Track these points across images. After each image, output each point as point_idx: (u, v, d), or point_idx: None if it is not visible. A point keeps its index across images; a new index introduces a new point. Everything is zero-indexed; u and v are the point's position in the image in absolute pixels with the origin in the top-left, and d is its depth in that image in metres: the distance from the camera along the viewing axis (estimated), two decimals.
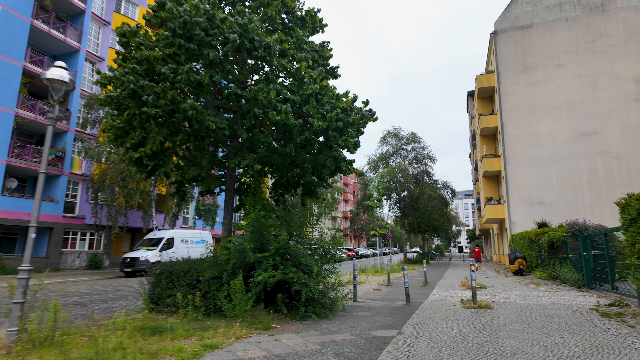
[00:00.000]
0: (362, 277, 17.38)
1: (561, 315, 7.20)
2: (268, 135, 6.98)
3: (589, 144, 25.58)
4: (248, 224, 7.22)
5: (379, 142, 38.00)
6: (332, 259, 7.96)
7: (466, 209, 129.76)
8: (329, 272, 7.83)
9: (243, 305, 6.36)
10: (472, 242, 71.03)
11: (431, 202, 34.01)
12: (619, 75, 25.76)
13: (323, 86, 7.11)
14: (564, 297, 9.80)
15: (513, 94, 28.11)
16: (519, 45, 28.73)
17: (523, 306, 8.46)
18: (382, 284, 14.34)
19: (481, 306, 8.26)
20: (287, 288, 7.17)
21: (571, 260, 12.79)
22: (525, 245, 19.89)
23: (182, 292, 7.15)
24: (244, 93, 6.62)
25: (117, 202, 21.33)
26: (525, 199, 26.45)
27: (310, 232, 8.02)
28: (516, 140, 27.36)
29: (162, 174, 7.25)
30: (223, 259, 7.11)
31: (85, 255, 24.64)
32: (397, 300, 9.76)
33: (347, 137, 7.10)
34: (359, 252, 52.70)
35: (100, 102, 7.90)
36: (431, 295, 10.90)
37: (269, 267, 6.78)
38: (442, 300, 9.76)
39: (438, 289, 12.61)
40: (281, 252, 7.09)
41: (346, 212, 77.57)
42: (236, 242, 7.05)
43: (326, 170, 7.34)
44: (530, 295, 10.48)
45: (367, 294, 11.30)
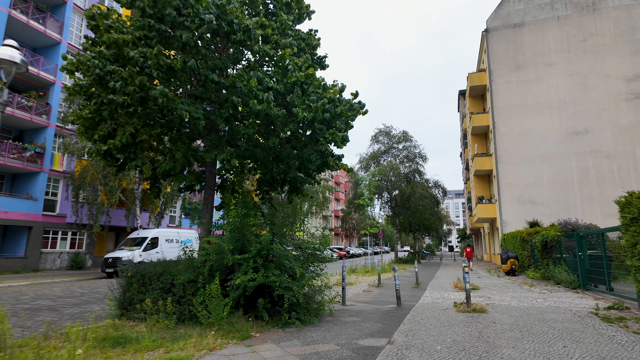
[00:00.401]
0: (352, 278, 16.92)
1: (560, 320, 6.80)
2: (248, 127, 6.42)
3: (580, 143, 25.50)
4: (227, 223, 6.67)
5: (370, 140, 37.65)
6: (320, 260, 7.44)
7: (456, 208, 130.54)
8: (315, 275, 7.32)
9: (219, 311, 5.82)
10: (463, 241, 71.25)
11: (422, 201, 33.76)
12: (610, 75, 25.72)
13: (309, 75, 6.58)
14: (560, 300, 9.45)
15: (505, 93, 27.92)
16: (510, 43, 28.56)
17: (519, 310, 8.06)
18: (372, 285, 13.89)
19: (476, 310, 7.84)
20: (270, 292, 6.64)
21: (565, 260, 12.48)
22: (517, 245, 19.64)
23: (155, 296, 6.57)
24: (221, 80, 6.04)
25: (98, 200, 20.52)
26: (516, 198, 26.29)
27: (296, 231, 7.50)
28: (508, 138, 27.18)
29: (132, 168, 6.65)
30: (199, 260, 6.54)
31: (66, 255, 23.75)
32: (388, 303, 9.30)
33: (334, 130, 6.58)
34: (350, 251, 52.30)
35: (70, 92, 7.27)
36: (423, 297, 10.47)
37: (249, 270, 6.24)
38: (435, 302, 9.33)
39: (430, 290, 12.20)
40: (263, 254, 6.56)
41: (337, 212, 77.21)
42: (214, 243, 6.49)
43: (312, 165, 6.81)
44: (525, 297, 10.11)
45: (357, 296, 10.83)
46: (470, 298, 8.42)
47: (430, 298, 10.21)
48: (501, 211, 26.70)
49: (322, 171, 7.87)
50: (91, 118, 6.98)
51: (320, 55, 8.50)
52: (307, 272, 7.04)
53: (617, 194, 25.03)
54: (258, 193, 9.27)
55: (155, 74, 5.59)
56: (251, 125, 6.38)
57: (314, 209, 46.69)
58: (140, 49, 5.79)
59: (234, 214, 6.60)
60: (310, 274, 7.15)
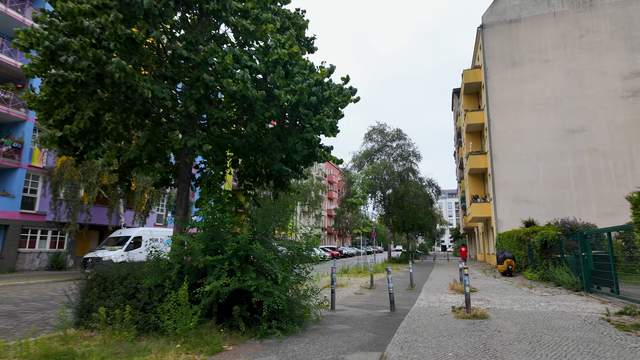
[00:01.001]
0: (343, 279, 16.21)
1: (571, 328, 6.14)
2: (223, 109, 5.64)
3: (576, 141, 25.08)
4: (200, 220, 5.90)
5: (364, 138, 37.00)
6: (306, 261, 6.71)
7: (449, 208, 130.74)
8: (300, 278, 6.58)
9: (186, 321, 5.04)
10: (456, 241, 71.01)
11: (416, 200, 33.18)
12: (606, 72, 25.34)
13: (293, 53, 5.83)
14: (565, 303, 8.82)
15: (500, 90, 27.42)
16: (506, 39, 28.07)
17: (523, 315, 7.40)
18: (364, 287, 13.19)
19: (476, 316, 7.16)
20: (248, 298, 5.88)
21: (567, 261, 11.89)
22: (514, 245, 19.09)
23: (116, 303, 5.78)
24: (191, 56, 5.27)
25: (77, 197, 19.52)
26: (511, 197, 25.79)
27: (279, 230, 6.75)
28: (503, 136, 26.67)
29: (92, 157, 5.84)
30: (165, 262, 5.76)
31: (46, 255, 22.71)
32: (381, 308, 8.60)
33: (322, 116, 5.84)
34: (342, 250, 51.63)
35: (26, 73, 6.43)
36: (418, 300, 9.78)
37: (224, 274, 5.47)
38: (431, 307, 8.64)
39: (425, 292, 11.53)
40: (241, 255, 5.79)
41: (330, 211, 76.48)
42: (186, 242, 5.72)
43: (297, 156, 6.06)
44: (527, 300, 9.47)
45: (348, 300, 10.11)
46: (470, 302, 7.73)
47: (425, 302, 9.53)
48: (496, 210, 26.19)
49: (309, 163, 7.13)
50: (47, 101, 6.14)
51: (308, 37, 7.76)
52: (291, 275, 6.29)
53: (613, 193, 24.72)
54: (242, 189, 8.50)
55: (113, 46, 4.79)
56: (226, 108, 5.60)
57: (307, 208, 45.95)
58: (97, 19, 5.00)
59: (207, 209, 5.83)
60: (295, 277, 6.40)
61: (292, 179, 7.52)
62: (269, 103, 5.88)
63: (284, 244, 6.18)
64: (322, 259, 6.59)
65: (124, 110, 5.92)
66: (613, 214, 22.98)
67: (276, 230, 6.92)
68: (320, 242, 66.61)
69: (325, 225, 74.59)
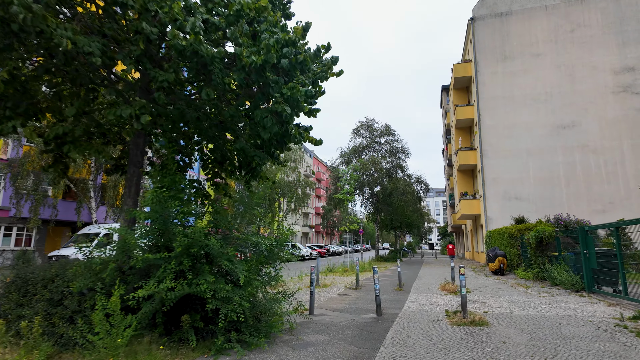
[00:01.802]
0: (328, 278, 15.23)
1: (587, 338, 5.26)
2: (169, 70, 4.54)
3: (567, 137, 24.60)
4: (146, 211, 4.82)
5: (352, 134, 36.08)
6: (277, 259, 5.67)
7: (437, 206, 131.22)
8: (270, 279, 5.54)
9: (116, 335, 3.95)
10: (444, 239, 70.88)
11: (405, 197, 32.44)
12: (597, 67, 24.91)
13: (261, 7, 4.77)
14: (568, 306, 7.99)
15: (491, 84, 26.78)
16: (497, 33, 27.44)
17: (527, 321, 6.50)
18: (350, 287, 12.22)
19: (475, 322, 6.23)
20: (203, 305, 4.81)
21: (565, 259, 11.12)
22: (505, 242, 18.39)
23: (38, 311, 4.65)
24: (128, 1, 4.16)
25: (39, 191, 18.04)
26: (501, 193, 25.19)
27: (246, 224, 5.70)
28: (493, 132, 26.04)
29: (8, 129, 4.68)
30: (97, 262, 4.65)
31: (10, 253, 21.15)
32: (366, 312, 7.62)
33: (295, 84, 4.80)
34: (330, 249, 50.71)
35: None
36: (407, 302, 8.84)
37: (169, 275, 4.40)
38: (422, 310, 7.70)
39: (415, 293, 10.61)
40: (194, 252, 4.72)
41: (318, 209, 75.49)
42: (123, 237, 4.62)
43: (265, 133, 4.99)
44: (526, 302, 8.62)
45: (330, 302, 9.11)
46: (467, 306, 6.80)
47: (416, 304, 8.59)
48: (486, 207, 25.57)
49: (283, 145, 6.07)
50: None
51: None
52: (259, 277, 5.25)
53: (604, 190, 24.31)
54: (210, 177, 7.40)
55: None
56: (173, 69, 4.51)
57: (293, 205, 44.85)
58: None
59: (152, 195, 4.74)
60: (263, 278, 5.36)
61: (264, 165, 6.45)
62: (229, 64, 4.82)
63: (248, 239, 5.11)
64: (292, 256, 5.53)
65: (46, 71, 4.76)
66: (603, 211, 22.56)
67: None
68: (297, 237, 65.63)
69: (313, 223, 73.62)
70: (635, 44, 24.49)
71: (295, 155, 41.36)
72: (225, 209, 6.18)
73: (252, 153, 5.55)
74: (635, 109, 23.81)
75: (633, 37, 24.62)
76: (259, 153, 5.65)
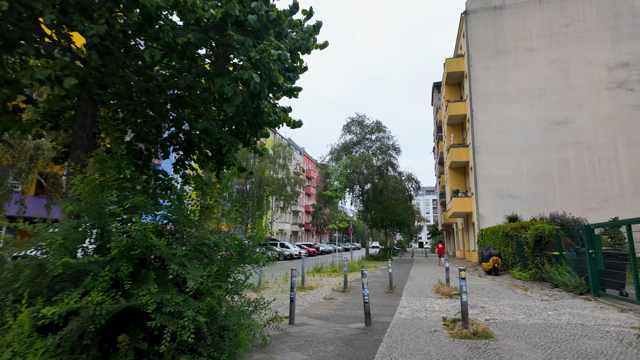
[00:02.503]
0: (315, 279, 14.34)
1: (611, 354, 4.46)
2: (99, 20, 3.57)
3: (561, 134, 24.10)
4: (72, 201, 3.83)
5: (342, 130, 35.27)
6: (249, 262, 4.75)
7: (427, 205, 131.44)
8: (238, 287, 4.62)
9: None
10: (434, 237, 70.62)
11: (395, 195, 31.76)
12: (592, 62, 24.46)
13: None
14: (576, 312, 7.23)
15: (484, 79, 26.16)
16: (490, 27, 26.82)
17: (535, 331, 5.70)
18: (337, 289, 11.35)
19: (478, 334, 5.39)
20: (148, 321, 3.85)
21: (566, 259, 10.42)
22: (499, 241, 17.73)
23: None
24: None
25: (4, 185, 16.74)
26: (494, 191, 24.61)
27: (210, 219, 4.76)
28: (486, 128, 25.43)
29: None
30: (9, 268, 3.66)
31: None
32: (354, 320, 6.74)
33: (266, 45, 3.87)
34: (319, 248, 49.86)
35: None
36: (400, 308, 8.00)
37: (101, 285, 3.43)
38: (416, 318, 6.86)
39: (407, 296, 9.78)
40: (137, 255, 3.76)
41: (308, 207, 74.60)
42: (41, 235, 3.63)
43: (229, 107, 4.03)
44: (528, 307, 7.85)
45: (315, 307, 8.21)
46: (468, 314, 5.97)
47: (409, 310, 7.75)
48: (478, 205, 24.96)
49: (257, 127, 5.12)
50: None
51: None
52: (223, 284, 4.31)
53: (598, 187, 23.87)
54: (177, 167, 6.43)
55: None
56: (104, 18, 3.52)
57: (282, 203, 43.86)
58: None
59: (80, 182, 3.76)
60: (228, 286, 4.43)
61: (236, 151, 5.49)
62: (187, 27, 3.88)
63: (206, 238, 4.17)
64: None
65: None
66: (597, 209, 22.11)
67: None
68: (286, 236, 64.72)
69: (302, 222, 72.69)
70: (630, 40, 24.09)
71: (284, 152, 40.34)
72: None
73: (217, 135, 4.59)
74: (629, 105, 23.42)
75: (628, 32, 24.22)
76: (226, 134, 4.68)
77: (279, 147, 40.47)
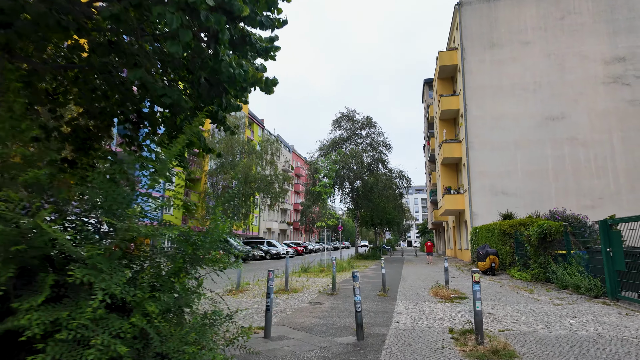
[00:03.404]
0: (301, 280, 13.19)
1: None
2: None
3: (556, 129, 23.42)
4: None
5: (332, 125, 34.10)
6: (201, 264, 3.58)
7: (416, 204, 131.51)
8: (186, 298, 3.43)
9: None
10: (423, 236, 70.14)
11: (386, 192, 30.81)
12: (588, 56, 23.83)
13: None
14: (600, 319, 6.24)
15: (478, 72, 25.34)
16: (485, 19, 26.02)
17: (566, 347, 4.66)
18: (325, 292, 10.22)
19: (497, 352, 4.32)
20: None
21: (577, 258, 9.48)
22: (495, 239, 16.86)
23: None
24: None
25: None
26: (488, 187, 23.81)
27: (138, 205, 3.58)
28: (480, 123, 24.61)
29: None
30: None
31: None
32: (343, 332, 5.61)
33: None
34: (308, 246, 48.72)
35: None
36: (396, 315, 6.90)
37: None
38: (417, 328, 5.77)
39: (402, 300, 8.71)
40: (35, 254, 2.57)
41: (297, 205, 73.34)
42: None
43: (174, 46, 2.90)
44: (543, 313, 6.84)
45: (298, 314, 7.06)
46: (483, 327, 4.90)
47: (407, 317, 6.66)
48: (471, 202, 24.15)
49: (219, 86, 3.93)
50: None
51: None
52: (162, 295, 3.12)
53: (593, 184, 23.24)
54: (125, 141, 5.18)
55: None
56: None
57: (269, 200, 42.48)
58: None
59: None
60: (167, 297, 3.24)
61: (199, 123, 4.28)
62: None
63: (139, 231, 2.99)
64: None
65: None
66: (593, 207, 21.44)
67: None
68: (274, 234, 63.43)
69: (291, 220, 71.44)
70: (626, 34, 23.53)
71: (272, 148, 38.99)
72: None
73: (160, 90, 3.41)
74: (625, 100, 22.86)
75: (624, 26, 23.66)
76: (172, 90, 3.48)
77: (267, 142, 39.09)
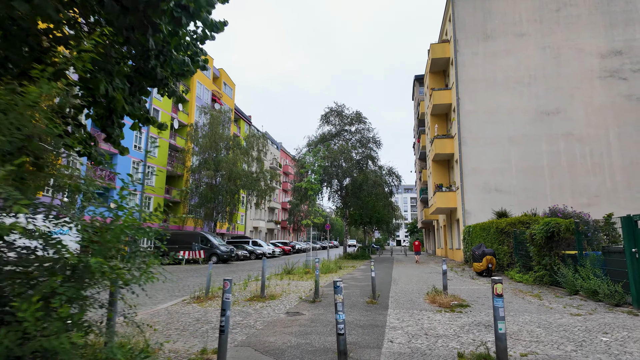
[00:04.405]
0: (282, 284, 11.90)
1: None
2: None
3: (551, 124, 22.61)
4: None
5: (320, 120, 32.86)
6: (92, 281, 2.27)
7: (405, 203, 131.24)
8: (76, 326, 2.13)
9: None
10: (412, 235, 69.46)
11: (375, 190, 29.68)
12: (584, 50, 23.08)
13: None
14: (637, 335, 5.13)
15: (471, 65, 24.39)
16: (478, 10, 25.08)
17: None
18: (306, 299, 8.95)
19: None
20: None
21: (591, 260, 8.41)
22: (491, 238, 15.85)
23: None
24: None
25: None
26: (481, 185, 22.88)
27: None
28: (473, 117, 23.67)
29: None
30: None
31: None
32: (322, 355, 4.36)
33: None
34: (295, 246, 47.40)
35: None
36: (389, 330, 5.67)
37: None
38: (416, 352, 4.55)
39: (395, 309, 7.50)
40: None
41: (285, 204, 71.85)
42: None
43: None
44: (564, 327, 5.70)
45: (270, 330, 5.77)
46: (507, 355, 3.69)
47: (402, 334, 5.43)
48: (463, 200, 23.18)
49: (149, 22, 2.66)
50: None
51: None
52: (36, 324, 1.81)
53: (589, 182, 22.46)
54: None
55: None
56: None
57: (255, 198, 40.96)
58: None
59: None
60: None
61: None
62: None
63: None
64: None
65: None
66: (589, 205, 20.59)
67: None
68: (261, 233, 62.01)
69: (279, 219, 69.92)
70: (623, 26, 22.84)
71: (258, 143, 37.48)
72: None
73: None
74: (622, 95, 22.16)
75: (621, 18, 22.96)
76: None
77: (253, 137, 37.58)
